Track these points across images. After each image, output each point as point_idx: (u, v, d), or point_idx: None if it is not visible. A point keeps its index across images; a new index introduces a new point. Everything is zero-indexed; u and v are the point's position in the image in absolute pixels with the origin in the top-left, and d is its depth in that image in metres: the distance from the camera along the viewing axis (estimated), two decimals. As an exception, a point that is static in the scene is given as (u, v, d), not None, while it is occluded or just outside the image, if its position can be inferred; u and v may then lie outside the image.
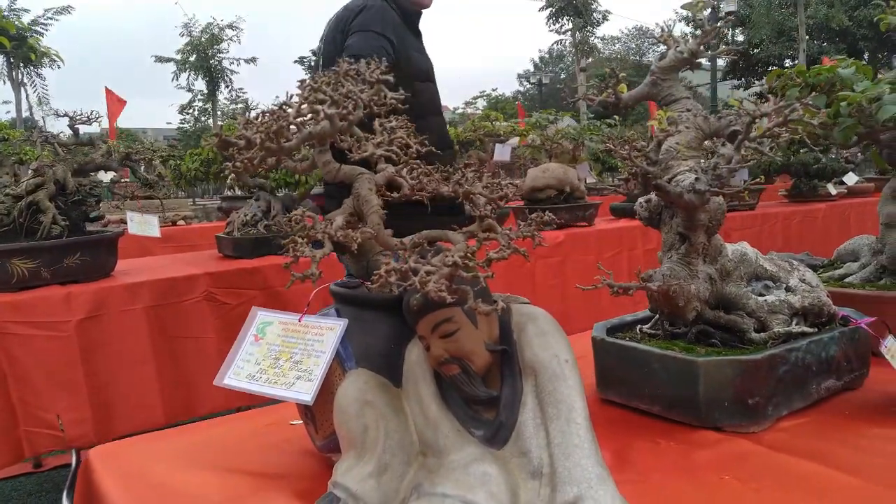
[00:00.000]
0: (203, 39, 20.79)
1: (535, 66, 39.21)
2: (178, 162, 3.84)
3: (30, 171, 3.18)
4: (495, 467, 0.85)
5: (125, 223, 3.87)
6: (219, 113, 23.22)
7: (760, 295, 1.26)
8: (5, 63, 16.49)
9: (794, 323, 1.22)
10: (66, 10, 18.69)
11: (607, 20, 24.28)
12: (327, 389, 0.99)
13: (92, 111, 3.25)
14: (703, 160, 1.15)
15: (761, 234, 5.28)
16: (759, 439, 1.12)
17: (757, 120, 1.06)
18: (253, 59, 22.77)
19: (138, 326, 2.98)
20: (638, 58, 41.02)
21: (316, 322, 1.02)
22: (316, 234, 0.87)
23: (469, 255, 0.85)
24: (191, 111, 25.04)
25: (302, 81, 0.96)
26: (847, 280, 1.57)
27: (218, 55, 21.29)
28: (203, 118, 25.25)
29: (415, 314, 0.91)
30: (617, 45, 43.70)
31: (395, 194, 1.02)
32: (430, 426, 0.93)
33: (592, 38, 25.46)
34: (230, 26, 20.99)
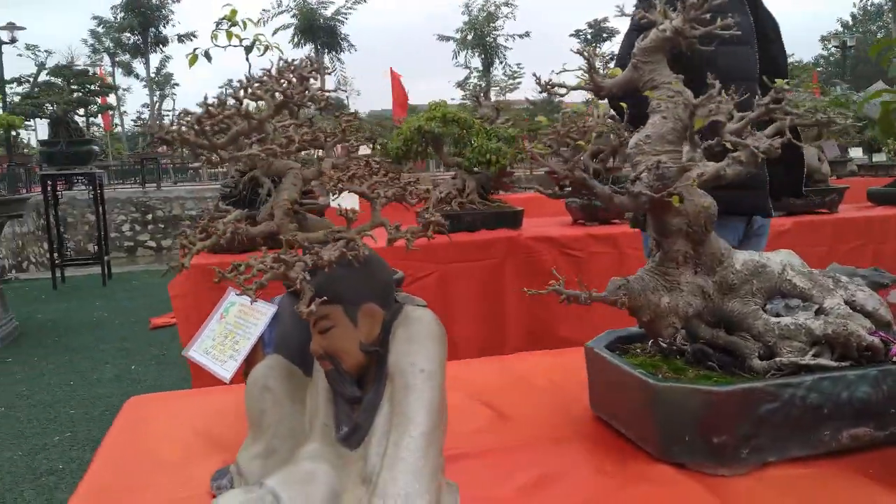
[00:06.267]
0: (480, 17, 21.75)
1: (844, 25, 33.59)
2: (385, 142, 4.12)
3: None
4: (326, 467, 0.85)
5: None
6: (495, 88, 24.12)
7: (778, 315, 1.05)
8: (312, 50, 18.97)
9: (810, 353, 1.00)
10: (361, -1, 20.88)
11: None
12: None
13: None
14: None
15: (834, 244, 4.06)
16: (726, 486, 0.95)
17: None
18: (527, 34, 23.22)
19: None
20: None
21: (257, 306, 1.10)
22: (211, 228, 0.94)
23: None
24: (468, 87, 26.39)
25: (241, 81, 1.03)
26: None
27: (493, 32, 22.10)
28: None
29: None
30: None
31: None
32: (313, 416, 0.95)
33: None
34: (506, 3, 21.67)
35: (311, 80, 1.04)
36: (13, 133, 15.86)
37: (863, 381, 0.98)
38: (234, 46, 3.34)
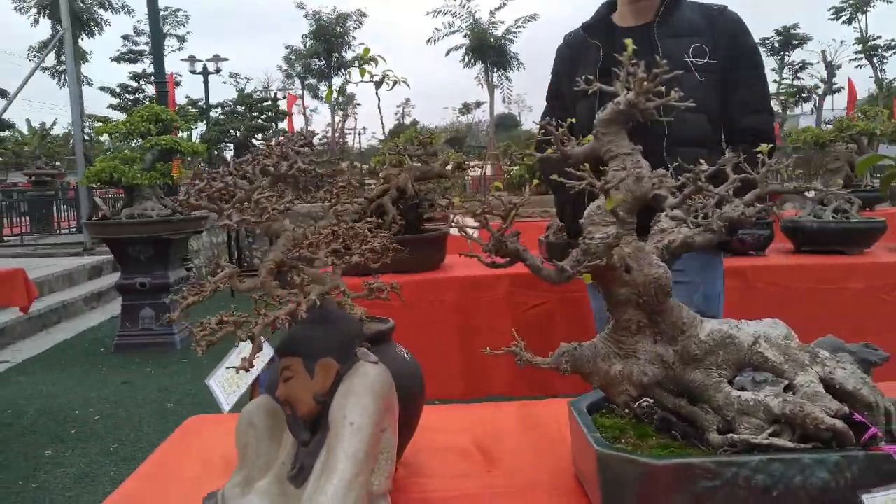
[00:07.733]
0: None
1: None
2: (512, 169, 4.22)
3: (380, 179, 3.94)
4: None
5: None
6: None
7: (744, 389, 1.01)
8: (482, 70, 19.52)
9: (766, 432, 0.96)
10: (532, 17, 21.16)
11: None
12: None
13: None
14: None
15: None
16: (662, 560, 0.94)
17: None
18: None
19: (444, 314, 3.47)
20: None
21: (265, 347, 1.24)
22: (205, 283, 1.09)
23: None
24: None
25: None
26: None
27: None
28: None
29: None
30: None
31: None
32: (282, 453, 1.07)
33: None
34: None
35: (304, 151, 1.18)
36: (214, 153, 17.79)
37: (820, 467, 0.93)
38: (366, 82, 3.63)
